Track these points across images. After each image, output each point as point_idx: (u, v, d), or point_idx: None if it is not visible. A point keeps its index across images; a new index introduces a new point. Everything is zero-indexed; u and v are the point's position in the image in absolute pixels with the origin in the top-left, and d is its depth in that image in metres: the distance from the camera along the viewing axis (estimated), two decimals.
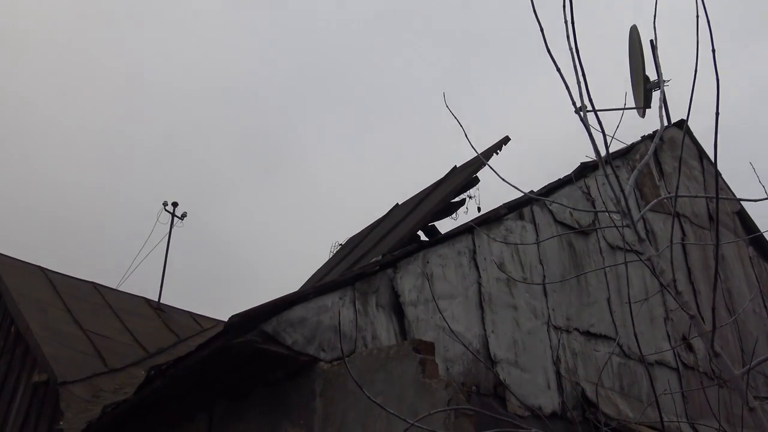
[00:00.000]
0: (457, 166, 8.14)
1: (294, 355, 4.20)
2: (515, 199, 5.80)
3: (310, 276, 8.92)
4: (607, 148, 2.68)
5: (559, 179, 6.28)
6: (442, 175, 8.19)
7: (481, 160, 3.23)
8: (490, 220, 5.56)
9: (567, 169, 6.49)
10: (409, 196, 9.06)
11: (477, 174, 6.46)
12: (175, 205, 13.02)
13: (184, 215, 13.08)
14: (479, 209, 6.48)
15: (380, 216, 9.25)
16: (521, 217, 5.78)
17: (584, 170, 6.47)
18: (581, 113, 2.71)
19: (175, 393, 4.87)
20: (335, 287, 4.47)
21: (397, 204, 9.13)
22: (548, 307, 5.53)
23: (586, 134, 2.69)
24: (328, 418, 4.11)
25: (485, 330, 5.06)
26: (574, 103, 2.63)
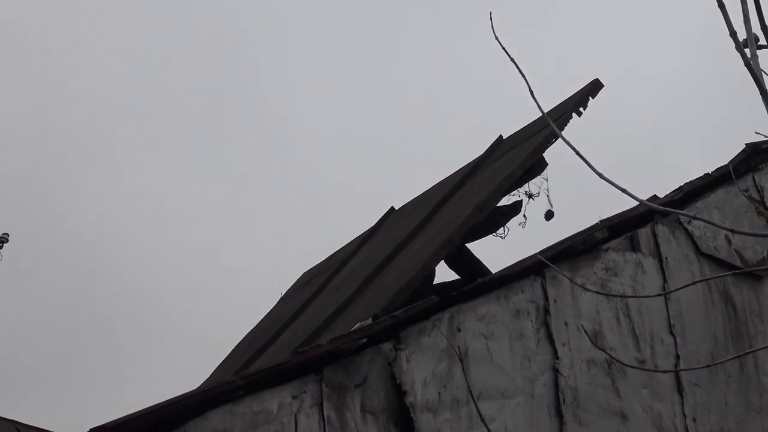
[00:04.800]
0: (504, 137, 8.29)
1: None
2: (623, 212, 5.90)
3: (230, 351, 8.98)
4: None
5: (706, 174, 6.38)
6: (477, 157, 8.35)
7: (551, 128, 3.25)
8: (574, 250, 5.66)
9: (719, 158, 6.60)
10: (417, 194, 9.17)
11: (544, 154, 6.59)
12: None
13: (1, 241, 13.17)
14: (550, 216, 6.59)
15: (363, 232, 9.35)
16: (634, 246, 5.85)
17: (752, 158, 6.59)
18: (748, 52, 2.80)
19: None
20: (285, 376, 4.54)
21: (393, 209, 9.27)
22: (685, 415, 5.61)
23: (755, 89, 2.78)
24: None
25: None
26: (733, 35, 2.73)
